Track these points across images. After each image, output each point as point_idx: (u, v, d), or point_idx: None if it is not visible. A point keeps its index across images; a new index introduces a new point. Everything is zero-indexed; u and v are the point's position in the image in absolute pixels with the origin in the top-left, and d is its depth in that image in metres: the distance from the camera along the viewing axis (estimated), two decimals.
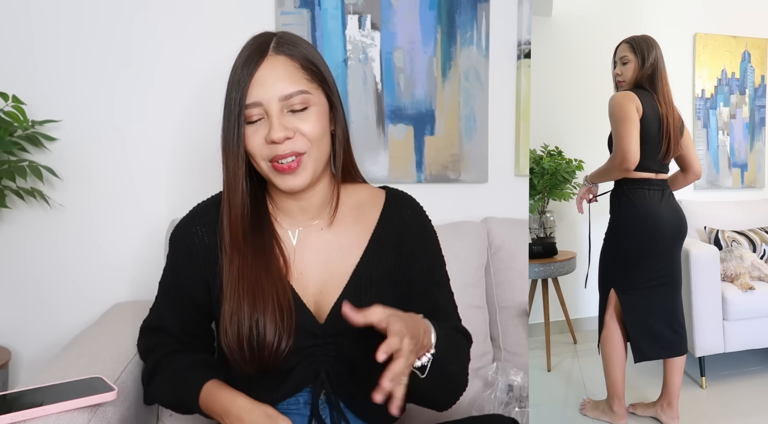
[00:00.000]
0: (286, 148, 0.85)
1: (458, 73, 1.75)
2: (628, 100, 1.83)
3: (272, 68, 0.85)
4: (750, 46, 3.38)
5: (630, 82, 1.94)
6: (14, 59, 1.47)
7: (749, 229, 2.84)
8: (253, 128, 0.86)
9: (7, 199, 1.39)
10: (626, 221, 1.89)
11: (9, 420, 0.76)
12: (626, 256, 1.89)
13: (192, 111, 1.55)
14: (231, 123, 0.86)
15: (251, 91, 0.84)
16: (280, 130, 0.83)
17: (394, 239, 0.97)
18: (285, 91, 0.85)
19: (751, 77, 3.40)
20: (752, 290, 2.35)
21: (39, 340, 1.50)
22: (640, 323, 1.90)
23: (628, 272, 1.90)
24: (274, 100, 0.84)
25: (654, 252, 1.87)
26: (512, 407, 1.39)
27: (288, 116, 0.85)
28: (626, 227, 1.89)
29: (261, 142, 0.85)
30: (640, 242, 1.86)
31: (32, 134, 1.42)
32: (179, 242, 0.97)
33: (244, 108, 0.84)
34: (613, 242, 1.93)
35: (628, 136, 1.80)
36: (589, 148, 2.44)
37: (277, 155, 0.85)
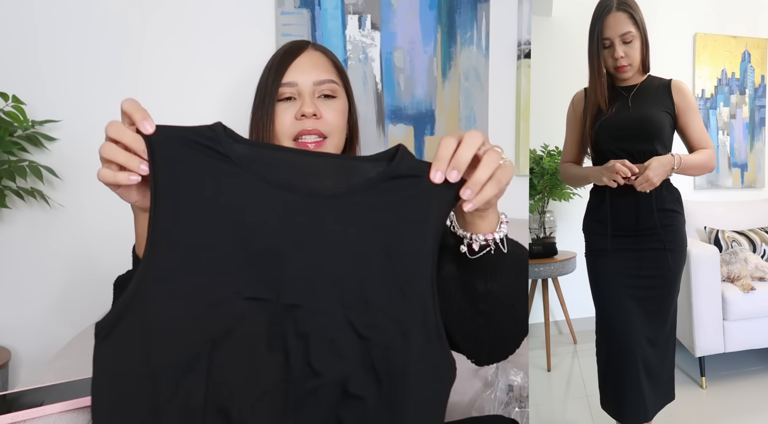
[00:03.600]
0: (312, 125, 0.90)
1: (458, 73, 1.75)
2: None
3: (310, 57, 0.95)
4: (750, 46, 3.38)
5: (638, 68, 1.67)
6: (14, 59, 1.47)
7: (749, 229, 2.84)
8: (284, 106, 0.92)
9: (7, 199, 1.39)
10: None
11: (9, 420, 0.76)
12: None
13: (192, 111, 1.55)
14: (265, 102, 0.92)
15: (288, 73, 0.92)
16: (311, 106, 0.90)
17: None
18: (320, 77, 0.93)
19: (751, 77, 3.40)
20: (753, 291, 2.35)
21: (39, 340, 1.50)
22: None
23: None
24: (309, 82, 0.92)
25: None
26: (512, 407, 1.39)
27: (318, 100, 0.93)
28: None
29: (290, 119, 0.91)
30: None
31: (32, 134, 1.42)
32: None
33: (279, 85, 0.91)
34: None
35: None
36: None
37: (303, 130, 0.90)
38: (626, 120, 1.62)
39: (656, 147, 1.59)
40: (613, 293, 1.64)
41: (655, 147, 1.58)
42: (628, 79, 1.68)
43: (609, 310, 1.65)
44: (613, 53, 1.62)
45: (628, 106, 1.64)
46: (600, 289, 1.68)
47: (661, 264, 1.60)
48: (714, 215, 2.88)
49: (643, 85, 1.68)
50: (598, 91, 1.65)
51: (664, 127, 1.62)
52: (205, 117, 1.54)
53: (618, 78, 1.68)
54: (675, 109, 1.64)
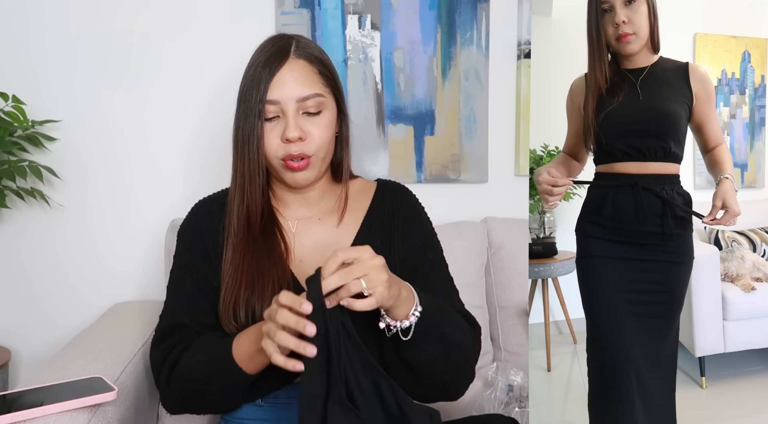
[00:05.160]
0: (298, 149, 0.89)
1: (458, 73, 1.75)
2: None
3: (292, 71, 0.90)
4: (750, 46, 3.38)
5: (646, 41, 1.41)
6: (14, 59, 1.47)
7: (749, 229, 2.84)
8: (269, 126, 0.90)
9: (7, 199, 1.39)
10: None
11: (9, 420, 0.76)
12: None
13: (191, 111, 1.55)
14: (250, 118, 0.89)
15: (271, 90, 0.88)
16: (295, 130, 0.88)
17: (385, 221, 1.00)
18: (303, 94, 0.89)
19: (751, 77, 3.40)
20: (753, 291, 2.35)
21: (39, 340, 1.50)
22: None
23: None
24: (292, 100, 0.89)
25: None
26: (512, 407, 1.39)
27: (302, 118, 0.90)
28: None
29: (276, 141, 0.90)
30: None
31: (32, 134, 1.42)
32: (191, 231, 0.98)
33: (264, 104, 0.88)
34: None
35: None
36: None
37: (289, 154, 0.89)
38: (636, 112, 1.38)
39: (670, 144, 1.38)
40: (609, 308, 1.41)
41: (669, 144, 1.37)
42: (636, 59, 1.43)
43: (604, 327, 1.43)
44: (613, 19, 1.35)
45: (637, 94, 1.40)
46: (593, 302, 1.45)
47: (668, 279, 1.40)
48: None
49: (654, 68, 1.43)
50: (597, 71, 1.41)
51: (681, 122, 1.39)
52: (205, 117, 1.55)
53: (623, 56, 1.43)
54: (693, 101, 1.41)
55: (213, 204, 1.00)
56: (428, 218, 1.06)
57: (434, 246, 1.04)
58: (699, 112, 1.43)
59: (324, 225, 0.99)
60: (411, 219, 1.02)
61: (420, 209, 1.06)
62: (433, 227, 1.06)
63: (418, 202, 1.06)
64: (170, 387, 0.88)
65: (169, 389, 0.88)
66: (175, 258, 0.98)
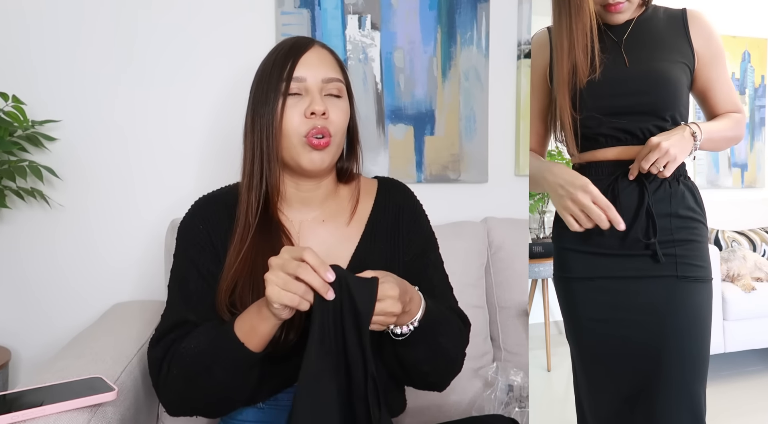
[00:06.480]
0: (322, 124, 0.89)
1: (458, 73, 1.75)
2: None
3: (318, 54, 0.92)
4: (750, 46, 3.38)
5: (637, 3, 1.09)
6: (14, 59, 1.47)
7: (749, 229, 2.84)
8: (291, 102, 0.89)
9: (7, 199, 1.39)
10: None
11: (9, 420, 0.76)
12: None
13: (191, 111, 1.55)
14: (270, 97, 0.89)
15: (298, 68, 0.89)
16: (321, 104, 0.89)
17: (389, 224, 1.00)
18: (328, 75, 0.91)
19: (751, 77, 3.40)
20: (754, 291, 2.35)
21: (39, 340, 1.50)
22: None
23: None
24: (318, 79, 0.90)
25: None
26: (512, 407, 1.39)
27: (326, 99, 0.91)
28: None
29: (299, 117, 0.89)
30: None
31: (32, 134, 1.42)
32: (194, 227, 0.95)
33: (285, 80, 0.88)
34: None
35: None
36: None
37: (314, 128, 0.88)
38: (621, 82, 1.05)
39: (668, 120, 1.06)
40: (596, 343, 1.11)
41: (667, 120, 1.06)
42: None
43: (586, 371, 1.14)
44: None
45: (622, 57, 1.07)
46: (579, 337, 1.14)
47: (665, 302, 1.08)
48: (714, 215, 2.88)
49: (642, 21, 1.10)
50: (575, 22, 1.05)
51: (681, 90, 1.06)
52: (206, 117, 1.55)
53: (605, 17, 1.09)
54: (695, 60, 1.09)
55: (215, 201, 0.98)
56: (427, 217, 1.07)
57: (434, 246, 1.05)
58: (703, 74, 1.09)
59: (328, 227, 0.98)
60: (414, 221, 1.02)
61: (421, 210, 1.06)
62: (429, 222, 1.07)
63: (418, 202, 1.06)
64: (169, 379, 0.83)
65: (169, 381, 0.83)
66: (177, 256, 0.96)
